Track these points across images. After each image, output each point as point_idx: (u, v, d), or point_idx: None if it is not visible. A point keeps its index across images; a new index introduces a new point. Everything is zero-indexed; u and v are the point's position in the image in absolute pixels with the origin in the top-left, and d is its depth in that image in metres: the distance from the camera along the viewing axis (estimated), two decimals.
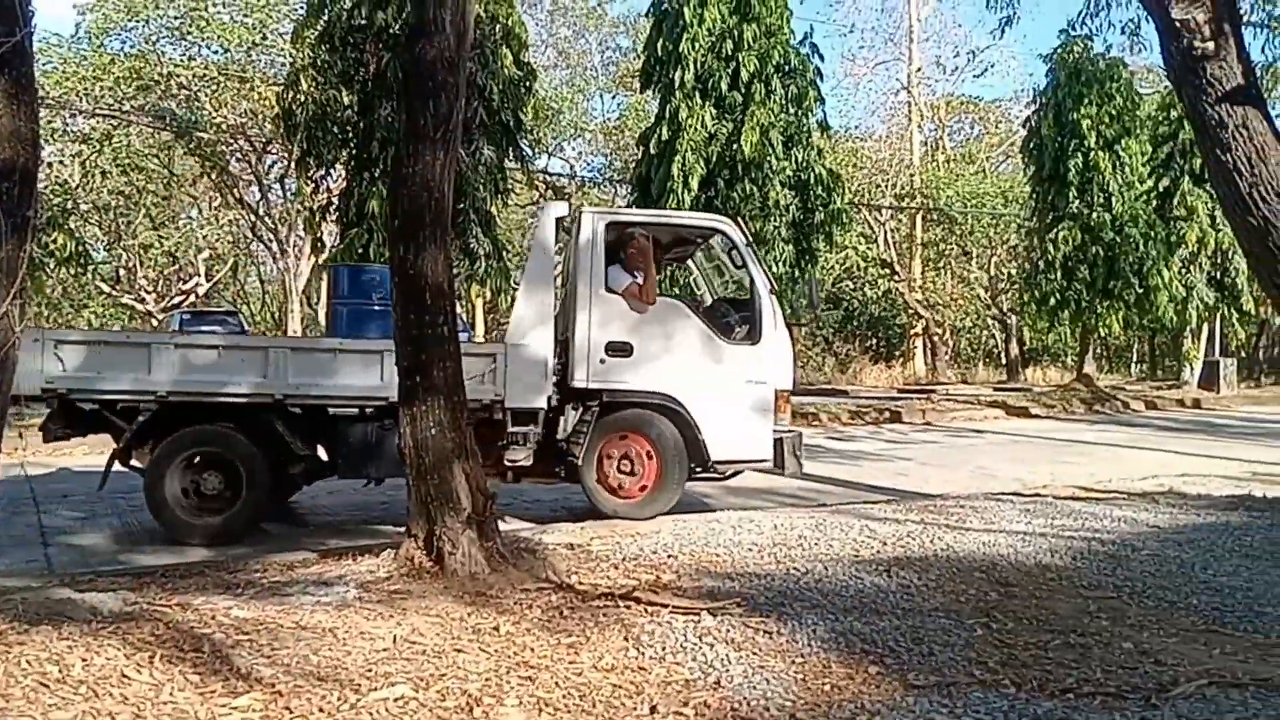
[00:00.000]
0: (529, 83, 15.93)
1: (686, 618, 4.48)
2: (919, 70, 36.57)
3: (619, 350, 7.63)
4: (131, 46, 23.44)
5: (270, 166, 26.77)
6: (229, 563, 5.96)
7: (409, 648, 4.07)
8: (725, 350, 7.78)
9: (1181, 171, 24.83)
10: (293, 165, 17.93)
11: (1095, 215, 22.63)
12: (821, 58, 17.89)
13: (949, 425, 18.35)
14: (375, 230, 14.20)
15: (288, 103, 15.01)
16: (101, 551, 6.92)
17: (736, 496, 8.86)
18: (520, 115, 15.74)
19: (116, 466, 7.33)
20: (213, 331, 16.47)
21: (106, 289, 29.47)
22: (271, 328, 33.34)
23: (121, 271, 30.58)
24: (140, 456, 7.36)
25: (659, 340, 7.71)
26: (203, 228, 29.94)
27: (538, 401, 7.50)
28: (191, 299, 29.89)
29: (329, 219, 16.81)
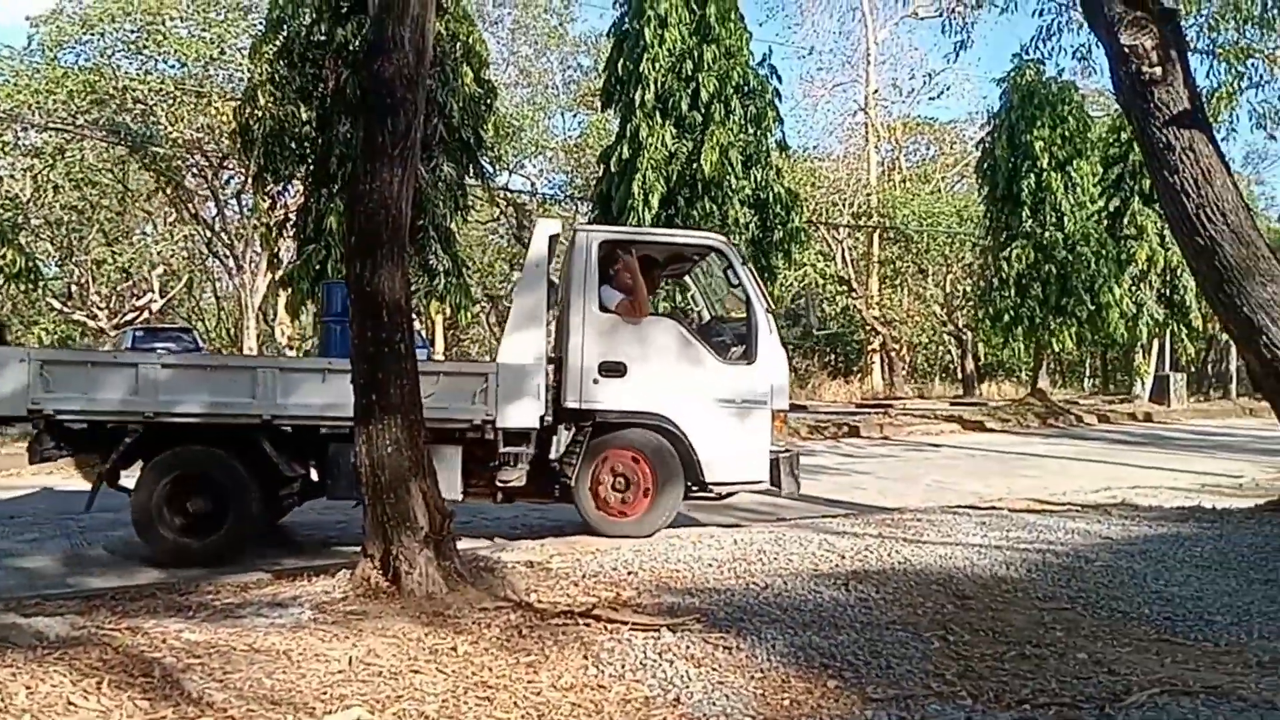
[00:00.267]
0: (490, 100, 15.95)
1: (646, 635, 4.46)
2: (876, 92, 37.07)
3: (613, 370, 7.51)
4: (86, 60, 23.16)
5: (227, 182, 26.49)
6: (181, 585, 5.83)
7: (365, 669, 4.01)
8: (721, 369, 7.64)
9: (1131, 192, 25.45)
10: (249, 181, 17.76)
11: (1048, 234, 23.06)
12: (780, 79, 18.18)
13: (906, 439, 18.52)
14: (333, 246, 14.10)
15: (245, 118, 14.89)
16: (49, 574, 6.76)
17: (696, 511, 8.85)
18: (481, 132, 15.75)
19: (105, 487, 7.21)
20: (166, 349, 16.22)
21: (58, 306, 28.96)
22: (227, 345, 32.92)
23: (73, 288, 30.07)
24: (130, 478, 7.27)
25: (653, 359, 7.57)
26: (157, 243, 29.55)
27: (530, 421, 7.37)
28: (145, 316, 29.42)
29: (286, 235, 16.69)
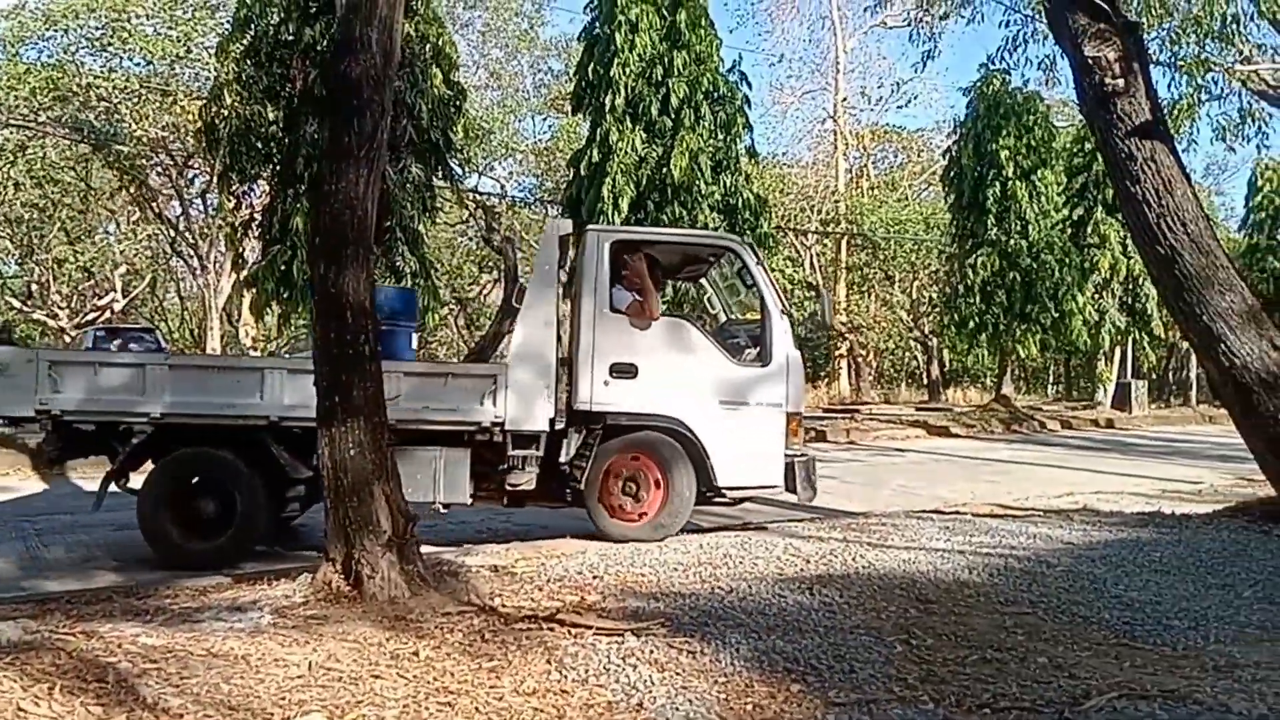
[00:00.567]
0: (459, 102, 15.85)
1: (610, 639, 4.45)
2: (845, 100, 37.31)
3: (623, 371, 7.38)
4: (49, 56, 22.71)
5: (191, 181, 26.14)
6: (139, 589, 5.74)
7: (324, 674, 3.97)
8: (734, 372, 7.51)
9: (1095, 201, 25.81)
10: (214, 180, 17.52)
11: (1012, 242, 23.32)
12: (750, 86, 18.23)
13: (872, 444, 18.64)
14: (298, 247, 13.94)
15: (210, 117, 14.68)
16: (4, 577, 6.64)
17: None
18: (450, 134, 15.63)
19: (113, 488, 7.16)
20: (127, 349, 15.99)
21: (17, 305, 28.46)
22: (190, 345, 32.52)
23: (33, 287, 29.60)
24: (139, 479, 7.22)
25: (665, 361, 7.44)
26: (120, 242, 29.14)
27: (539, 424, 7.26)
28: (107, 315, 29.01)
29: (251, 235, 16.47)
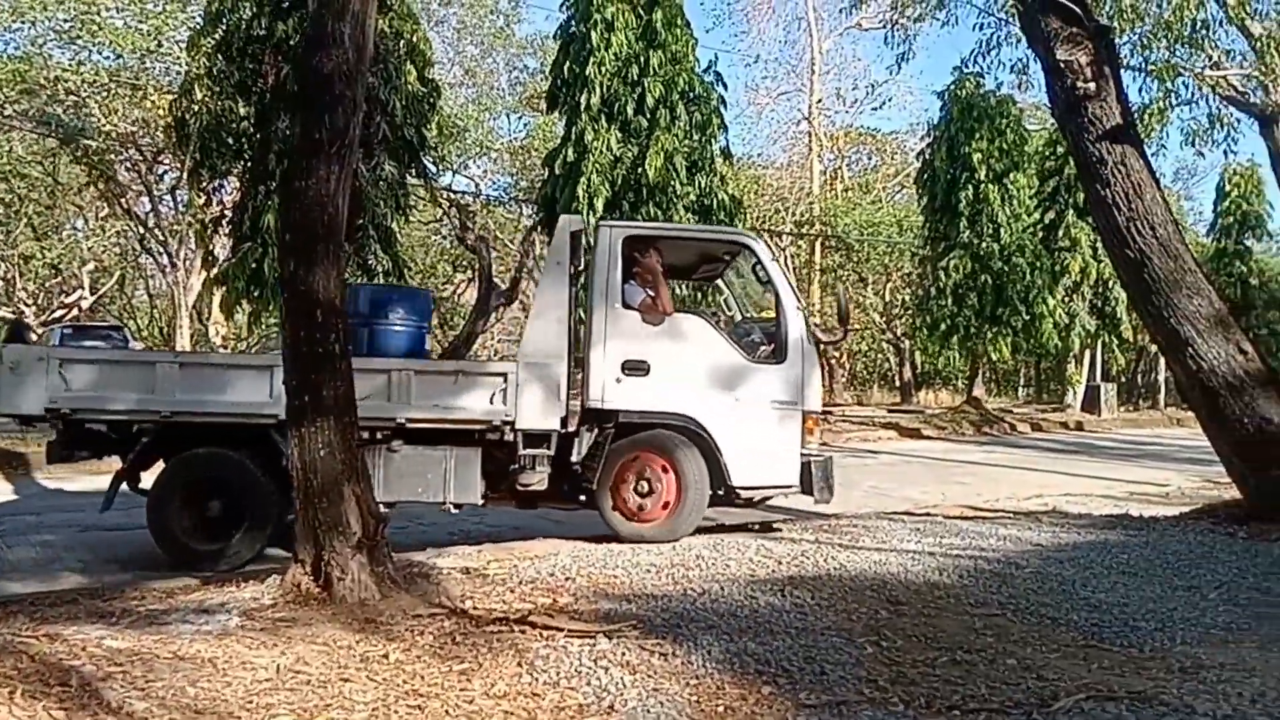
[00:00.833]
0: (433, 99, 15.78)
1: (582, 641, 4.43)
2: (820, 101, 37.50)
3: (636, 369, 7.27)
4: (16, 49, 22.31)
5: (161, 177, 25.83)
6: (104, 590, 5.69)
7: (293, 677, 3.93)
8: (749, 369, 7.39)
9: (1066, 205, 26.03)
10: (185, 176, 17.35)
11: (984, 245, 23.48)
12: (725, 86, 18.15)
13: (844, 446, 18.73)
14: (270, 245, 13.79)
15: (181, 111, 14.54)
16: None
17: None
18: (424, 132, 15.56)
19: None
20: (95, 347, 15.77)
21: None
22: (160, 343, 32.13)
23: None
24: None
25: (678, 359, 7.32)
26: (88, 239, 28.70)
27: (550, 423, 7.17)
28: (75, 313, 28.60)
29: (222, 232, 16.31)
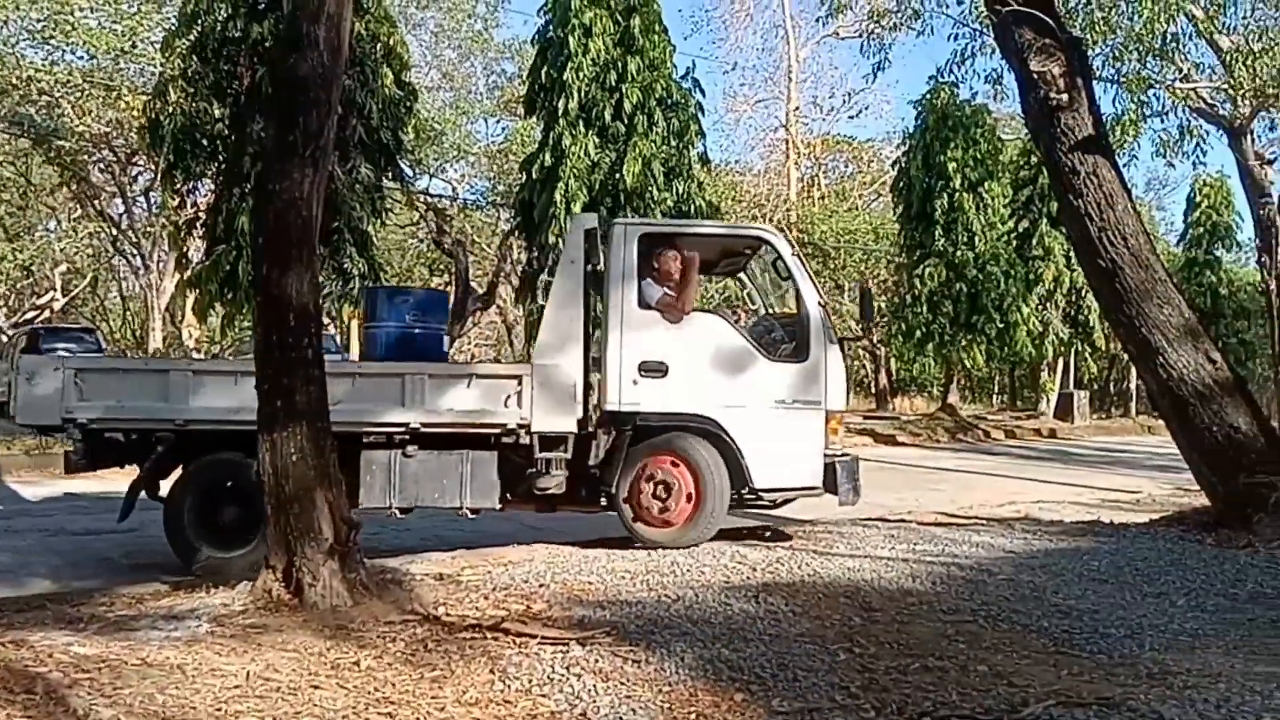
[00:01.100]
0: (410, 102, 15.75)
1: (555, 648, 4.41)
2: (797, 109, 37.64)
3: (653, 370, 7.09)
4: None
5: (135, 178, 25.64)
6: (73, 596, 5.62)
7: (262, 685, 3.89)
8: (770, 368, 7.19)
9: (1040, 214, 26.29)
10: (158, 178, 17.21)
11: (959, 253, 23.67)
12: (703, 93, 18.33)
13: None
14: (244, 248, 13.72)
15: (155, 113, 14.44)
16: None
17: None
18: (400, 135, 15.54)
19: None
20: (67, 349, 15.61)
21: None
22: (132, 346, 31.83)
23: None
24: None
25: (697, 358, 7.14)
26: (60, 240, 28.42)
27: (566, 425, 7.05)
28: (46, 315, 28.31)
29: (195, 235, 16.19)
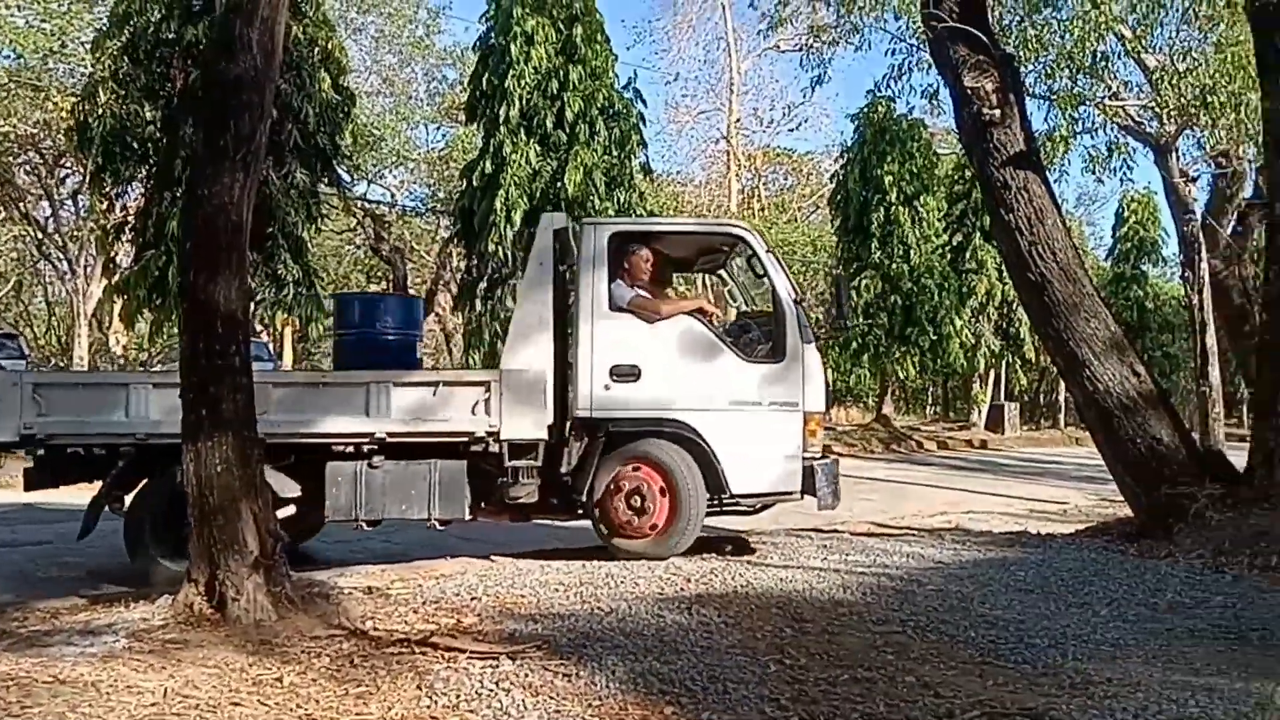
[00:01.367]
0: (348, 107, 15.60)
1: (484, 663, 4.36)
2: (738, 121, 37.97)
3: (625, 373, 6.95)
4: None
5: (62, 181, 24.94)
6: None
7: (180, 702, 3.79)
8: (746, 369, 7.06)
9: (973, 228, 26.79)
10: (87, 181, 16.78)
11: (895, 266, 24.04)
12: (645, 103, 18.31)
13: None
14: (174, 252, 13.44)
15: (83, 114, 14.09)
16: None
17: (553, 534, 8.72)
18: (338, 140, 15.36)
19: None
20: None
21: None
22: (57, 352, 30.91)
23: None
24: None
25: (670, 361, 7.01)
26: None
27: (536, 432, 6.87)
28: None
29: (124, 239, 15.81)
